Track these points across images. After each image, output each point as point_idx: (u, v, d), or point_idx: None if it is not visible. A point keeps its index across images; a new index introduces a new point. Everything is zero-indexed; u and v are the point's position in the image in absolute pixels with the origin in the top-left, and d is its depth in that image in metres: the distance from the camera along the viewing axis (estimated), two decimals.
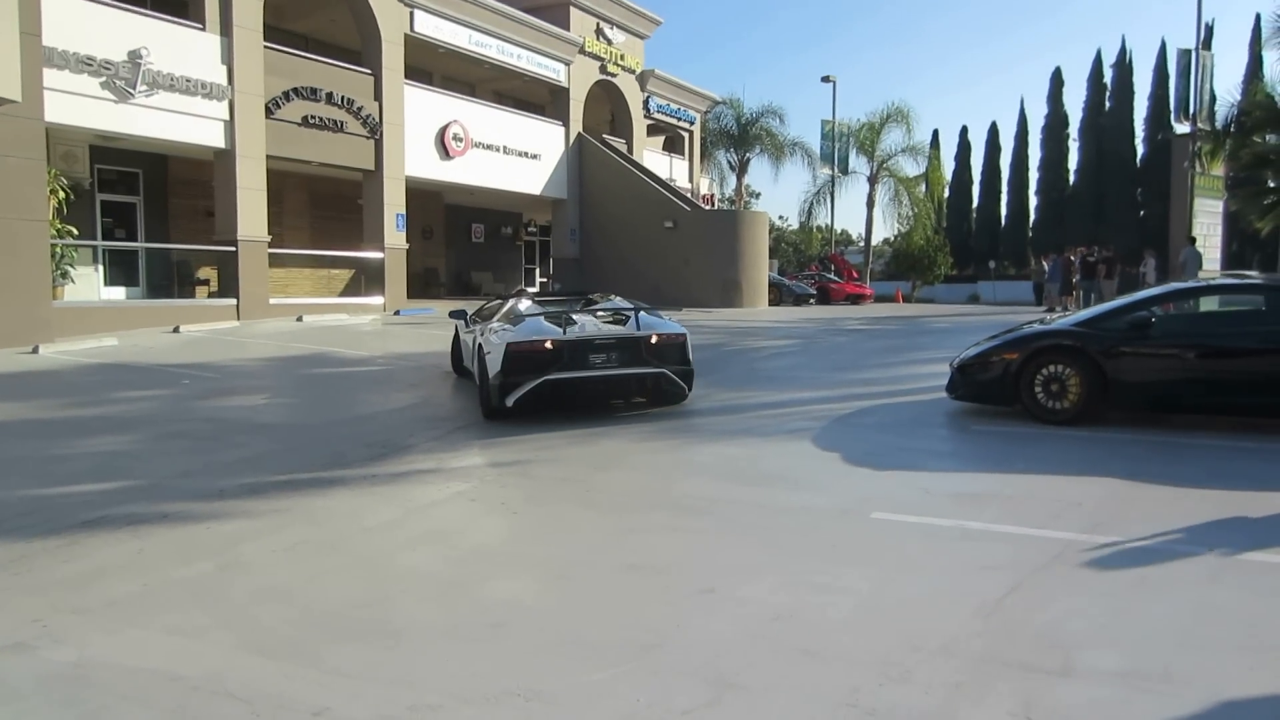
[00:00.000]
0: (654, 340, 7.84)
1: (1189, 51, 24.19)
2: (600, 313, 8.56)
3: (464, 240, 26.95)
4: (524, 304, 8.89)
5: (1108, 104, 41.69)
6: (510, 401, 7.51)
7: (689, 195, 28.23)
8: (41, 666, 3.26)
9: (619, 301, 9.23)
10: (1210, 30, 36.35)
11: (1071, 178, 43.32)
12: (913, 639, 3.32)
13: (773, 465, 6.37)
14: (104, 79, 14.16)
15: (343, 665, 3.22)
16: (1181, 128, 26.21)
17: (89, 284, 16.15)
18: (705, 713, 2.84)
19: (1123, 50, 41.59)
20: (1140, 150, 41.01)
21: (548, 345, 7.53)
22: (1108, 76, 41.77)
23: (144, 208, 17.66)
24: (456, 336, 10.46)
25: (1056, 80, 43.65)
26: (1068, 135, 43.41)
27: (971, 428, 7.39)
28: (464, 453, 6.87)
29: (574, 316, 8.03)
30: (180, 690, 3.04)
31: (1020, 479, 5.69)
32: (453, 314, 10.29)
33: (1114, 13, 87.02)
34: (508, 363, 7.48)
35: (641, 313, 8.13)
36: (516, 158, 23.45)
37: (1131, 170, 40.44)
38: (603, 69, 26.44)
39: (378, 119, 18.99)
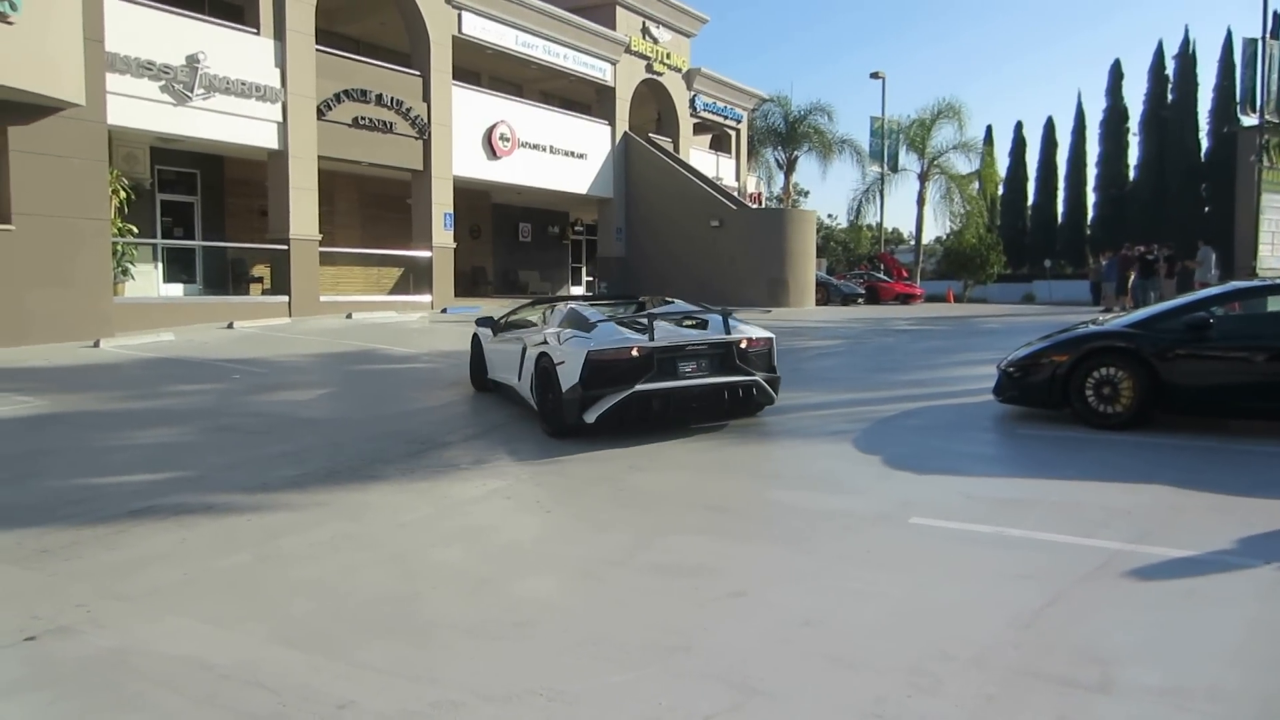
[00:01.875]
0: (744, 345, 7.17)
1: (1255, 41, 23.26)
2: (663, 318, 7.57)
3: (511, 239, 27.19)
4: (577, 305, 8.00)
5: (1170, 97, 40.34)
6: (592, 418, 6.76)
7: (735, 194, 28.05)
8: (83, 650, 3.37)
9: (681, 304, 8.40)
10: (1278, 19, 35.03)
11: (1131, 173, 42.04)
12: (945, 648, 3.24)
13: (812, 467, 6.28)
14: (163, 83, 14.61)
15: (370, 659, 3.26)
16: (1248, 120, 25.20)
17: (148, 281, 16.71)
18: (727, 718, 2.81)
19: (1185, 41, 40.22)
20: (1204, 144, 39.60)
21: (634, 353, 6.76)
22: (1170, 69, 40.43)
23: (201, 207, 18.20)
24: (477, 346, 9.41)
25: (1116, 73, 42.39)
26: (1128, 130, 42.14)
27: (1018, 431, 7.20)
28: (501, 451, 6.92)
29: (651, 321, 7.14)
30: (212, 679, 3.11)
31: (1066, 485, 5.52)
32: (480, 321, 9.36)
33: (1175, 7, 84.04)
34: (588, 373, 6.69)
35: (729, 317, 7.36)
36: (563, 157, 23.58)
37: (1195, 165, 39.08)
38: (649, 68, 26.42)
39: (426, 120, 19.26)
